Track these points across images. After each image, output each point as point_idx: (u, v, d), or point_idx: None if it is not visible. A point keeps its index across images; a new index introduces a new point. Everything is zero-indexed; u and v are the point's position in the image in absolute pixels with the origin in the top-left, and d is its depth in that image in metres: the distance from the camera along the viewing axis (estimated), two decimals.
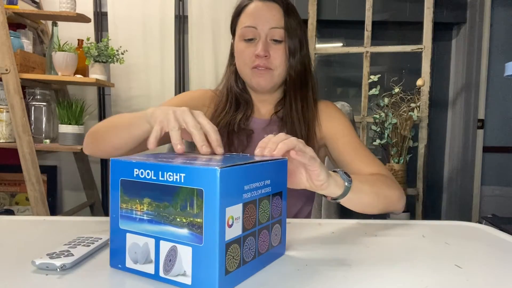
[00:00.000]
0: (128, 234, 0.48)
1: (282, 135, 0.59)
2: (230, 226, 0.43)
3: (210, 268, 0.41)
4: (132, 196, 0.47)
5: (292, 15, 0.91)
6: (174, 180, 0.44)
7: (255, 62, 0.89)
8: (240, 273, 0.45)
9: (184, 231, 0.43)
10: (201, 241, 0.42)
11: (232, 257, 0.43)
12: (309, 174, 0.61)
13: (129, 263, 0.48)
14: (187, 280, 0.43)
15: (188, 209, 0.43)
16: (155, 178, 0.45)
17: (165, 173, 0.44)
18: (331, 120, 0.95)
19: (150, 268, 0.46)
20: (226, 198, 0.42)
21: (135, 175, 0.47)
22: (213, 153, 0.59)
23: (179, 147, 0.58)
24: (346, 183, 0.66)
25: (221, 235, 0.41)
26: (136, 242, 0.47)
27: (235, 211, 0.44)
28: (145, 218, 0.46)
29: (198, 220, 0.42)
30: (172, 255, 0.44)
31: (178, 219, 0.43)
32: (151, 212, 0.45)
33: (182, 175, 0.43)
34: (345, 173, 0.68)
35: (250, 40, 0.90)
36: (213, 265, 0.41)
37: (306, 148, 0.59)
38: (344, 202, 0.69)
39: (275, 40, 0.89)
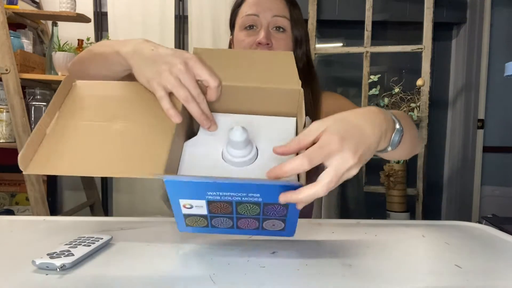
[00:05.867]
0: None
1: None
2: (188, 208, 0.52)
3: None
4: None
5: (296, 7, 0.91)
6: None
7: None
8: (205, 229, 0.57)
9: None
10: None
11: (194, 221, 0.55)
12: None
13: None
14: None
15: None
16: None
17: None
18: (334, 103, 0.91)
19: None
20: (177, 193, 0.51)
21: None
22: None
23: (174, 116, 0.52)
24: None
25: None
26: None
27: (194, 202, 0.51)
28: None
29: None
30: None
31: None
32: None
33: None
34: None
35: (251, 28, 0.87)
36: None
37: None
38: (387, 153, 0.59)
39: (278, 28, 0.87)
